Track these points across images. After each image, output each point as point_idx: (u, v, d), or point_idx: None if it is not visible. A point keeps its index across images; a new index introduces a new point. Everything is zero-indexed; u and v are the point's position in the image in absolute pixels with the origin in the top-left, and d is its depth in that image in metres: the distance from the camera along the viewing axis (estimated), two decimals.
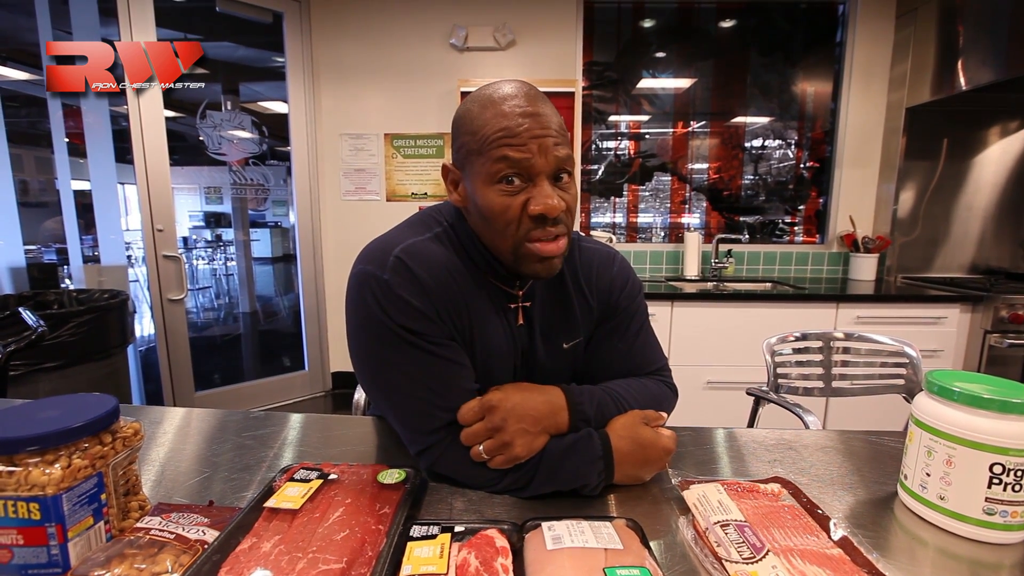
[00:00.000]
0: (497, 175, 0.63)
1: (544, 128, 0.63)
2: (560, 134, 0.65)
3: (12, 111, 2.37)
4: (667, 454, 0.67)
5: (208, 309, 4.43)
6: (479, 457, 0.63)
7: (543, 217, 0.63)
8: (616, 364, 0.79)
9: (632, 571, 0.45)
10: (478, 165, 0.65)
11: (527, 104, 0.63)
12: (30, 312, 1.66)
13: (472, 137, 0.65)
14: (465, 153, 0.67)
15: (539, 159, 0.62)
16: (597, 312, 0.80)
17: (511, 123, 0.62)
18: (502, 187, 0.63)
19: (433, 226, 0.73)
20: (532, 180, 0.64)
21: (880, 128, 2.84)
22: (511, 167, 0.62)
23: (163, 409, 0.92)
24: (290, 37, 2.79)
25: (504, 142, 0.62)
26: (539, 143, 0.62)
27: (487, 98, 0.65)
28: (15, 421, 0.48)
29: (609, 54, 2.94)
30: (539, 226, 0.64)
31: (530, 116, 0.62)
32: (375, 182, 2.97)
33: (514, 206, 0.64)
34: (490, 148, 0.63)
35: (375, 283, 0.65)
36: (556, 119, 0.65)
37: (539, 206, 0.63)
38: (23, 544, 0.45)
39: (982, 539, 0.55)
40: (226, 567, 0.45)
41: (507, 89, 0.65)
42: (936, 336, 2.29)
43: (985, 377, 0.60)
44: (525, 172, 0.63)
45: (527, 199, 0.64)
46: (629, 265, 0.84)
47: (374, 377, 0.68)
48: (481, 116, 0.64)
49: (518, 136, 0.62)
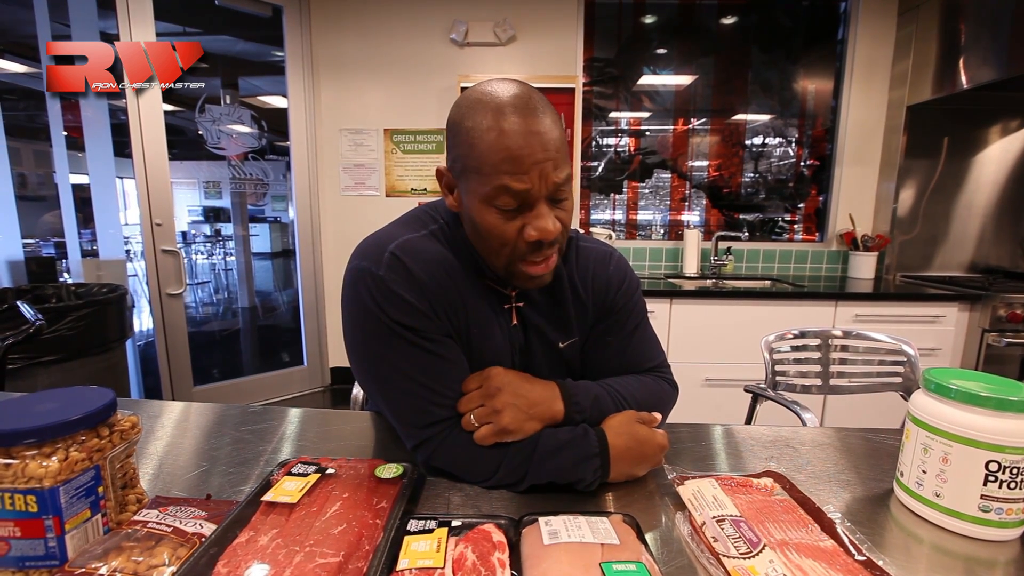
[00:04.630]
0: (495, 199, 0.61)
1: (545, 150, 0.60)
2: (559, 151, 0.62)
3: (10, 104, 2.36)
4: (662, 451, 0.67)
5: (207, 304, 4.43)
6: (469, 426, 0.64)
7: (539, 243, 0.63)
8: (614, 361, 0.79)
9: (628, 566, 0.45)
10: (475, 183, 0.62)
11: (529, 119, 0.60)
12: (28, 306, 1.66)
13: (469, 152, 0.61)
14: (462, 165, 0.63)
15: (538, 185, 0.60)
16: (593, 311, 0.79)
17: (512, 144, 0.59)
18: (499, 211, 0.62)
19: (429, 223, 0.72)
20: (531, 206, 0.62)
21: (881, 126, 2.83)
22: (511, 196, 0.60)
23: (161, 403, 0.92)
24: (290, 31, 2.78)
25: (504, 169, 0.59)
26: (540, 169, 0.60)
27: (485, 108, 0.61)
28: (13, 414, 0.48)
29: (610, 50, 2.93)
30: (534, 250, 0.64)
31: (532, 135, 0.59)
32: (375, 177, 2.96)
33: (510, 230, 0.62)
34: (489, 172, 0.60)
35: (370, 279, 0.64)
36: (556, 132, 0.62)
37: (536, 232, 0.61)
38: (20, 536, 0.45)
39: (977, 536, 0.56)
40: (223, 560, 0.46)
41: (506, 97, 0.60)
42: (934, 334, 2.29)
43: (982, 375, 0.60)
44: (523, 199, 0.61)
45: (523, 224, 0.62)
46: (626, 263, 0.83)
47: (370, 372, 0.68)
48: (478, 130, 0.60)
49: (519, 163, 0.59)
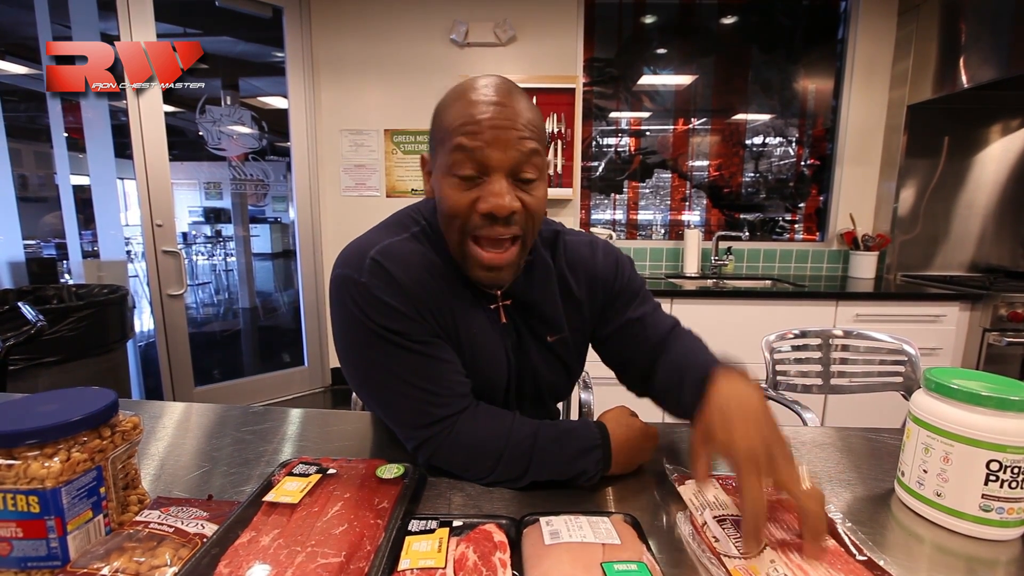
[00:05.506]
0: (453, 166, 0.61)
1: (508, 119, 0.59)
2: (529, 129, 0.61)
3: (11, 105, 2.36)
4: (654, 442, 0.69)
5: (208, 305, 4.42)
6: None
7: (492, 216, 0.61)
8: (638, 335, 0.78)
9: (629, 566, 0.45)
10: (440, 155, 0.63)
11: (495, 95, 0.61)
12: (29, 307, 1.66)
13: (439, 126, 0.64)
14: (433, 144, 0.65)
15: (495, 152, 0.59)
16: (590, 304, 0.79)
17: (474, 111, 0.60)
18: (455, 179, 0.61)
19: (411, 225, 0.72)
20: (487, 175, 0.61)
21: (881, 126, 2.83)
22: (466, 157, 0.60)
23: (162, 404, 0.93)
24: (290, 32, 2.78)
25: (463, 131, 0.60)
26: (497, 134, 0.59)
27: (460, 89, 0.64)
28: (14, 415, 0.48)
29: (610, 50, 2.93)
30: (486, 224, 0.62)
31: (496, 105, 0.60)
32: (375, 178, 2.96)
33: (464, 200, 0.61)
34: (450, 137, 0.61)
35: (353, 286, 0.64)
36: (529, 115, 0.62)
37: (487, 204, 0.60)
38: (22, 537, 0.45)
39: (978, 535, 0.56)
40: (225, 561, 0.46)
41: (481, 81, 0.63)
42: (935, 334, 2.29)
43: (983, 375, 0.60)
44: (480, 164, 0.60)
45: (478, 196, 0.61)
46: (613, 247, 0.83)
47: (363, 379, 0.68)
48: (450, 106, 0.63)
49: (476, 124, 0.59)
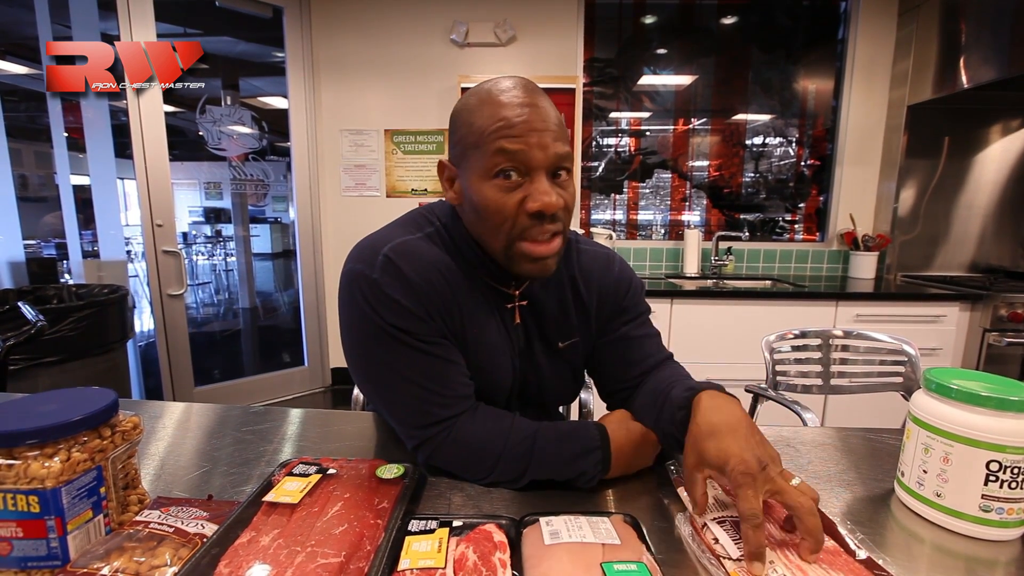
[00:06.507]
0: (494, 169, 0.62)
1: (543, 121, 0.62)
2: (559, 129, 0.64)
3: (11, 105, 2.36)
4: (656, 448, 0.68)
5: (208, 305, 4.42)
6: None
7: (540, 214, 0.62)
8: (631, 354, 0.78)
9: (629, 566, 0.45)
10: (474, 159, 0.64)
11: (526, 96, 0.62)
12: (29, 306, 1.66)
13: (469, 130, 0.64)
14: (462, 148, 0.66)
15: (537, 152, 0.61)
16: (596, 314, 0.79)
17: (510, 114, 0.61)
18: (499, 182, 0.62)
19: (425, 226, 0.72)
20: (529, 175, 0.62)
21: (881, 126, 2.83)
22: (508, 160, 0.61)
23: (162, 404, 0.92)
24: (290, 32, 2.78)
25: (502, 133, 0.61)
26: (538, 136, 0.61)
27: (485, 92, 0.64)
28: (14, 414, 0.48)
29: (610, 50, 2.93)
30: (536, 223, 0.63)
31: (529, 107, 0.62)
32: (375, 178, 2.96)
33: (511, 202, 0.62)
34: (487, 141, 0.62)
35: (364, 282, 0.64)
36: (555, 114, 0.64)
37: (537, 203, 0.61)
38: (22, 537, 0.45)
39: (978, 536, 0.56)
40: (225, 560, 0.46)
41: (506, 83, 0.64)
42: (935, 334, 2.29)
43: (983, 375, 0.60)
44: (523, 166, 0.62)
45: (524, 196, 0.62)
46: (628, 265, 0.85)
47: (368, 374, 0.68)
48: (479, 110, 0.63)
49: (516, 127, 0.61)
